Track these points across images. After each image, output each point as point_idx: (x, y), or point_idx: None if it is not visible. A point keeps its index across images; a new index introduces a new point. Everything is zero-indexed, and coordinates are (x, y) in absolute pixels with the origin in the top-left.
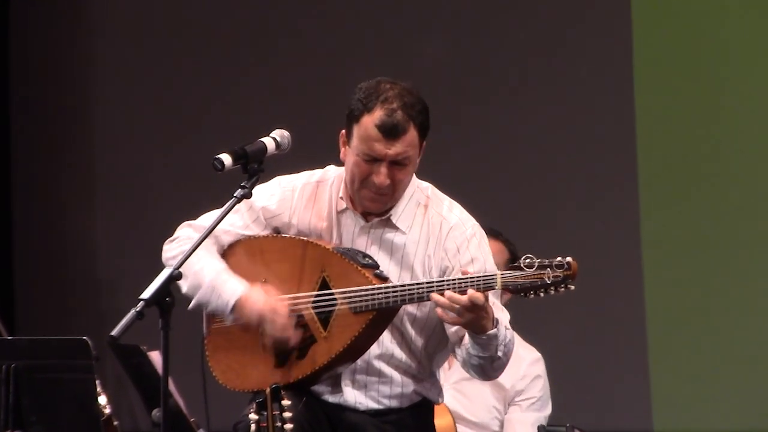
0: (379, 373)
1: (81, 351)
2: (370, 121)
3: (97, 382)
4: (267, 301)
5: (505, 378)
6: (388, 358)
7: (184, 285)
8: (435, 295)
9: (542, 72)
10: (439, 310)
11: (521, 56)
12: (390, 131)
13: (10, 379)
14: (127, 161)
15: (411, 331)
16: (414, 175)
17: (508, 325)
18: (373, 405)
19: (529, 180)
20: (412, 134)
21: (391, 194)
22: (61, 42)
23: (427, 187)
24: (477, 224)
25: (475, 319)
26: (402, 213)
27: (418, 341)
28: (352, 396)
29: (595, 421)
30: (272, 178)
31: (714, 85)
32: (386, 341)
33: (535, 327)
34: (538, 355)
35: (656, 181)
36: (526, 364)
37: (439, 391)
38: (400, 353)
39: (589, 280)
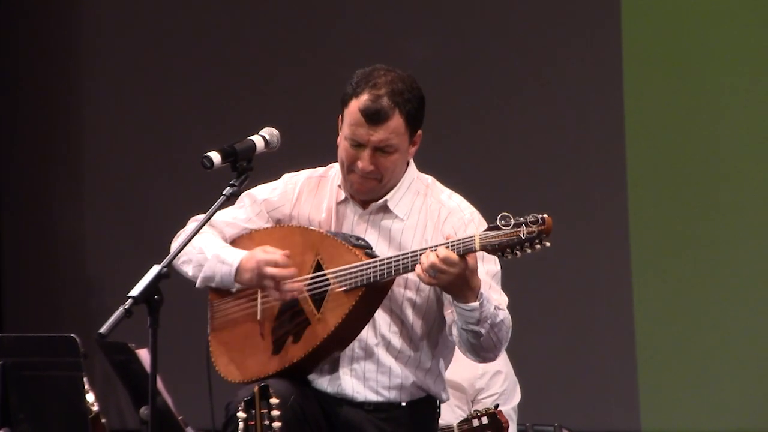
0: (378, 363)
1: (69, 348)
2: (356, 105)
3: (85, 379)
4: (263, 250)
5: (463, 378)
6: (387, 347)
7: (188, 268)
8: (422, 256)
9: (531, 72)
10: (418, 269)
11: (511, 56)
12: (373, 116)
13: None
14: (116, 160)
15: (411, 319)
16: (414, 166)
17: (503, 307)
18: (372, 396)
19: (517, 179)
20: (396, 121)
21: (378, 180)
22: (50, 40)
23: (427, 178)
24: (476, 211)
25: (451, 282)
26: (400, 200)
27: (418, 330)
28: (350, 386)
29: (583, 421)
30: (264, 176)
31: (703, 86)
32: (385, 329)
33: (525, 326)
34: None
35: (645, 181)
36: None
37: (444, 387)
38: (399, 341)
39: (578, 280)
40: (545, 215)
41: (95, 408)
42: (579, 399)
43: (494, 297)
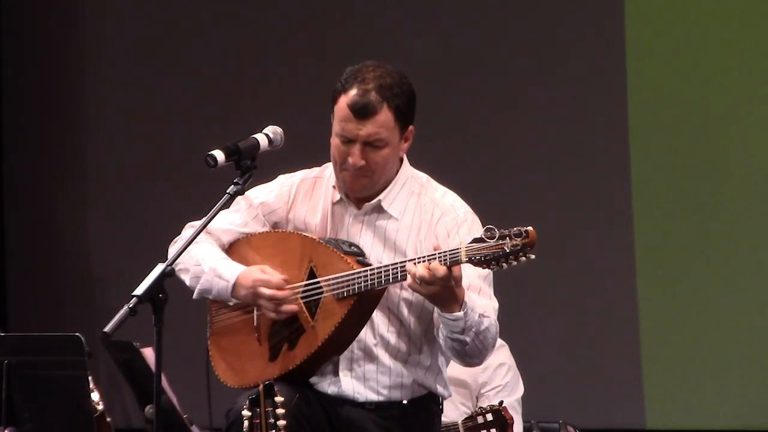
0: (378, 363)
1: (74, 347)
2: (345, 100)
3: (90, 378)
4: (261, 270)
5: (467, 374)
6: (386, 346)
7: (186, 278)
8: (409, 265)
9: (535, 71)
10: (409, 280)
11: (514, 55)
12: (360, 111)
13: (3, 375)
14: (120, 158)
15: (408, 318)
16: (408, 164)
17: (489, 314)
18: (373, 396)
19: (521, 178)
20: (385, 115)
21: (370, 176)
22: (52, 38)
23: (422, 176)
24: (470, 211)
25: (438, 292)
26: (395, 200)
27: (416, 328)
28: (350, 387)
29: (588, 418)
30: (263, 174)
31: (707, 85)
32: (383, 329)
33: (529, 324)
34: (500, 341)
35: (649, 180)
36: None
37: (445, 384)
38: (397, 341)
39: (583, 278)
40: (529, 228)
41: (100, 407)
42: (584, 396)
43: (482, 303)
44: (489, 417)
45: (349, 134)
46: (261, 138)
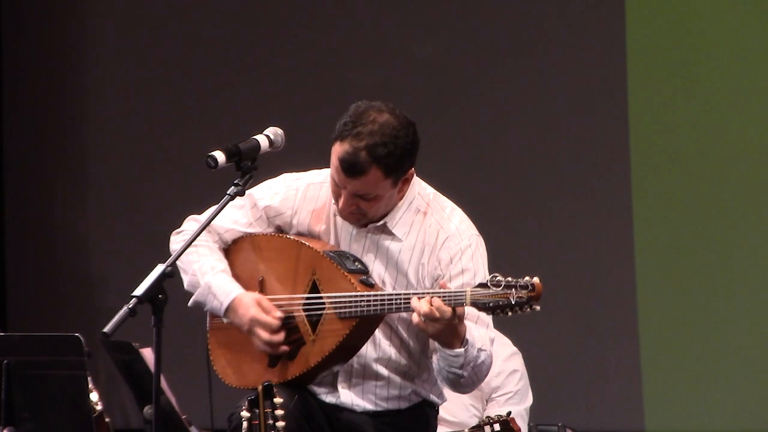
0: (377, 376)
1: (73, 347)
2: (338, 150)
3: (89, 378)
4: (258, 306)
5: None
6: (386, 362)
7: (185, 279)
8: (414, 301)
9: (535, 72)
10: (415, 319)
11: (514, 56)
12: (348, 169)
13: (2, 375)
14: (120, 158)
15: (407, 337)
16: (418, 180)
17: (486, 347)
18: (370, 407)
19: (521, 180)
20: (373, 176)
21: (363, 216)
22: (53, 39)
23: (429, 193)
24: (475, 234)
25: (440, 331)
26: (399, 220)
27: (416, 345)
28: (348, 398)
29: (587, 421)
30: (264, 177)
31: (707, 86)
32: (384, 345)
33: (528, 327)
34: (514, 349)
35: (649, 182)
36: (500, 361)
37: (440, 393)
38: (398, 356)
39: (582, 281)
40: (535, 280)
41: (99, 407)
42: (583, 399)
43: (479, 333)
44: (497, 427)
45: (339, 183)
46: (262, 139)
